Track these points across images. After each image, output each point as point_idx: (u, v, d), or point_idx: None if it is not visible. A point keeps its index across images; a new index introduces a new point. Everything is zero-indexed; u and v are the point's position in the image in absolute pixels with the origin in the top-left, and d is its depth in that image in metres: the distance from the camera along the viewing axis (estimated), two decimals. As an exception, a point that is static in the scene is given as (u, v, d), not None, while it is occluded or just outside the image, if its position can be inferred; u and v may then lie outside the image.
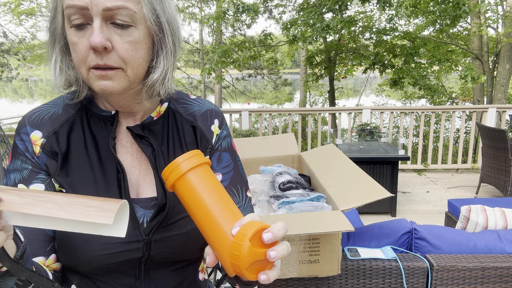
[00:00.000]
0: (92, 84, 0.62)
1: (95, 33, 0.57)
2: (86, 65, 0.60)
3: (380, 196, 1.33)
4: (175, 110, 0.77)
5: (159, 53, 0.65)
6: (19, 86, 30.14)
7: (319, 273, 1.31)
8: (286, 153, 2.11)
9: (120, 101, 0.68)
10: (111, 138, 0.68)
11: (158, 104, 0.76)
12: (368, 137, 3.98)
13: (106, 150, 0.68)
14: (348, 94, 27.99)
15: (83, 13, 0.57)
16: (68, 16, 0.59)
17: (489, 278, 1.41)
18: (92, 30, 0.57)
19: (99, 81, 0.61)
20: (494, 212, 1.79)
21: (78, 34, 0.59)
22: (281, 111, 5.93)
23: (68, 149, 0.68)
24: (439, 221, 3.46)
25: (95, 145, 0.69)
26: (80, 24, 0.58)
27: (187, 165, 0.52)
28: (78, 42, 0.59)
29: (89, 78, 0.61)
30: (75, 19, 0.58)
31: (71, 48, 0.61)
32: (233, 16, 7.16)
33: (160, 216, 0.67)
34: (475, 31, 7.65)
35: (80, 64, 0.61)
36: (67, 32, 0.61)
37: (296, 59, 24.95)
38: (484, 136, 3.93)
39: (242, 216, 0.52)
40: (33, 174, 0.66)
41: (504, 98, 7.52)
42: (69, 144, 0.68)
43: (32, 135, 0.67)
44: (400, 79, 6.92)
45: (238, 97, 19.93)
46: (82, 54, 0.59)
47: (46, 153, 0.66)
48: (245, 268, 0.48)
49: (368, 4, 6.55)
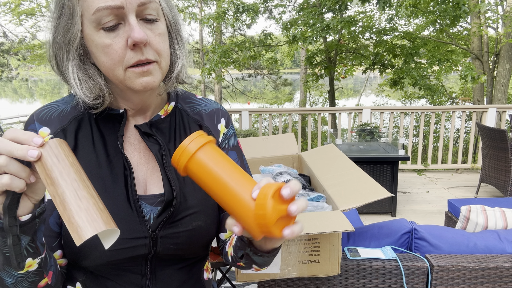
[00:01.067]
0: (131, 83, 0.62)
1: (136, 29, 0.57)
2: (123, 65, 0.60)
3: (380, 196, 1.33)
4: (182, 109, 0.78)
5: (175, 44, 0.68)
6: (19, 86, 30.14)
7: (319, 273, 1.32)
8: (286, 153, 2.11)
9: (145, 97, 0.70)
10: (119, 135, 0.69)
11: (166, 103, 0.77)
12: (368, 137, 3.99)
13: (113, 148, 0.69)
14: (348, 94, 27.99)
15: (117, 13, 0.58)
16: (97, 20, 0.58)
17: (489, 278, 1.41)
18: (130, 28, 0.58)
19: (140, 78, 0.61)
20: (494, 212, 1.79)
21: (111, 36, 0.59)
22: (281, 111, 5.93)
23: (75, 145, 0.68)
24: (439, 221, 3.46)
25: (103, 142, 0.69)
26: (114, 25, 0.58)
27: (195, 145, 0.53)
28: (112, 43, 0.59)
29: (127, 78, 0.61)
30: (108, 21, 0.58)
31: (101, 52, 0.60)
32: (233, 16, 7.16)
33: (167, 213, 0.67)
34: (475, 31, 7.65)
35: (115, 65, 0.60)
36: (95, 36, 0.59)
37: (296, 59, 24.96)
38: (484, 136, 3.93)
39: (256, 182, 0.53)
40: None
41: (504, 98, 7.52)
42: (77, 141, 0.68)
43: (40, 131, 0.67)
44: (400, 79, 6.92)
45: (238, 97, 19.93)
46: (119, 54, 0.59)
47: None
48: (272, 225, 0.49)
49: (368, 4, 6.55)
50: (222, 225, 0.77)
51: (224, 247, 0.78)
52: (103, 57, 0.60)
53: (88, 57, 0.64)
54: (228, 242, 0.77)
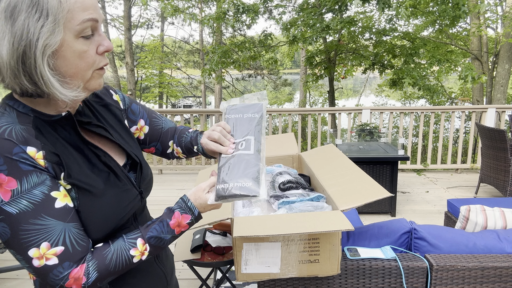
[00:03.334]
0: (94, 83, 0.73)
1: (107, 39, 0.72)
2: (93, 68, 0.71)
3: (380, 196, 1.34)
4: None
5: None
6: None
7: (318, 272, 1.32)
8: (286, 153, 2.12)
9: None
10: (78, 131, 0.76)
11: None
12: (367, 137, 3.99)
13: (77, 143, 0.76)
14: (347, 94, 27.99)
15: (93, 25, 0.69)
16: (80, 30, 0.67)
17: (489, 277, 1.42)
18: (102, 37, 0.72)
19: (100, 79, 0.74)
20: (493, 212, 1.80)
21: (87, 43, 0.69)
22: (281, 111, 5.93)
23: (58, 155, 0.72)
24: (439, 221, 3.47)
25: (66, 142, 0.75)
26: (91, 34, 0.70)
27: None
28: (88, 49, 0.69)
29: (92, 78, 0.72)
30: (87, 31, 0.68)
31: (77, 57, 0.68)
32: (233, 17, 7.17)
33: (140, 172, 0.87)
34: (475, 31, 7.66)
35: (89, 68, 0.70)
36: (74, 43, 0.67)
37: (296, 60, 24.96)
38: (483, 136, 3.93)
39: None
40: (54, 181, 0.69)
41: (503, 98, 7.53)
42: (56, 148, 0.73)
43: (28, 152, 0.66)
44: (400, 80, 6.93)
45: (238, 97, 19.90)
46: (93, 58, 0.70)
47: (51, 161, 0.69)
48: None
49: (368, 5, 6.55)
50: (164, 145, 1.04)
51: (172, 152, 1.05)
52: (79, 61, 0.69)
53: (53, 63, 0.68)
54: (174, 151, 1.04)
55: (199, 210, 0.82)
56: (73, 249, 0.70)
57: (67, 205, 0.70)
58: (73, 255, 0.70)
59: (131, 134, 0.94)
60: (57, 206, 0.68)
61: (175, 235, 0.81)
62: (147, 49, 15.52)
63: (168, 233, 0.80)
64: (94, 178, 0.76)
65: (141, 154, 0.93)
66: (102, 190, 0.76)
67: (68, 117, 0.75)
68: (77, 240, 0.71)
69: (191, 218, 0.81)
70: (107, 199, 0.76)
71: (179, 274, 2.67)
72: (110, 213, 0.76)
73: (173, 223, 0.80)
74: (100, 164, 0.78)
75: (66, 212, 0.70)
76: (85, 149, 0.77)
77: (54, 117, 0.73)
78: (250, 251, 1.29)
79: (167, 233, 0.79)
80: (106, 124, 0.87)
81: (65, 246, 0.69)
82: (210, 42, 16.16)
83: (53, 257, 0.67)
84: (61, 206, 0.69)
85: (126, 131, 0.93)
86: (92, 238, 0.76)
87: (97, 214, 0.74)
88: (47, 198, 0.67)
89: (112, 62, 13.83)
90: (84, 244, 0.72)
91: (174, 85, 16.79)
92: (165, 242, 0.80)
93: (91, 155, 0.78)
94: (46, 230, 0.67)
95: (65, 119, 0.75)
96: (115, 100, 0.94)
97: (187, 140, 1.01)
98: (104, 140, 0.85)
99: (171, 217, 0.80)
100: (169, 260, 1.01)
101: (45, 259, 0.67)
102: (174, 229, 0.80)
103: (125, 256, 0.75)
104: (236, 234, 1.12)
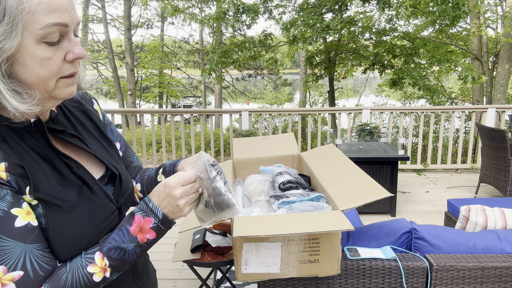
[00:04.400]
0: (60, 92, 0.65)
1: (79, 46, 0.64)
2: (57, 77, 0.64)
3: (380, 196, 1.34)
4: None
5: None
6: None
7: (318, 272, 1.32)
8: (286, 153, 2.12)
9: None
10: (48, 139, 0.69)
11: None
12: (367, 137, 3.99)
13: (46, 153, 0.69)
14: (348, 94, 28.00)
15: (62, 30, 0.61)
16: (43, 35, 0.59)
17: (489, 278, 1.42)
18: (72, 44, 0.63)
19: (68, 88, 0.66)
20: (493, 212, 1.80)
21: (51, 50, 0.61)
22: (281, 111, 5.94)
23: (24, 166, 0.65)
24: (439, 221, 3.47)
25: (35, 152, 0.68)
26: (57, 40, 0.62)
27: None
28: (53, 56, 0.61)
29: (57, 87, 0.65)
30: (53, 36, 0.60)
31: (37, 64, 0.60)
32: (233, 17, 7.16)
33: (118, 185, 0.80)
34: (475, 31, 7.65)
35: (52, 76, 0.63)
36: (35, 49, 0.59)
37: (296, 60, 24.96)
38: (483, 136, 3.93)
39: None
40: (16, 196, 0.62)
41: (503, 98, 7.53)
42: (22, 160, 0.66)
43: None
44: (400, 80, 6.93)
45: (238, 97, 19.93)
46: (58, 66, 0.63)
47: (14, 173, 0.62)
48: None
49: (368, 5, 6.55)
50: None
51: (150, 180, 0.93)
52: (39, 68, 0.61)
53: (7, 69, 0.61)
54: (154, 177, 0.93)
55: (164, 211, 0.70)
56: (34, 274, 0.62)
57: (29, 223, 0.62)
58: (33, 281, 0.62)
59: (111, 143, 0.87)
60: (18, 225, 0.61)
61: (139, 244, 0.69)
62: (147, 49, 15.54)
63: (131, 242, 0.69)
64: (64, 191, 0.68)
65: (122, 166, 0.85)
66: (72, 205, 0.68)
67: (37, 123, 0.68)
68: (39, 264, 0.63)
69: (154, 221, 0.70)
70: (78, 214, 0.68)
71: (179, 274, 2.67)
72: (82, 230, 0.68)
73: (134, 229, 0.69)
74: (71, 176, 0.70)
75: (28, 232, 0.62)
76: (56, 160, 0.69)
77: (21, 124, 0.66)
78: (250, 251, 1.29)
79: (128, 242, 0.68)
80: (84, 132, 0.80)
81: (25, 271, 0.61)
82: (210, 42, 16.16)
83: (10, 284, 0.59)
84: (22, 225, 0.61)
85: (107, 139, 0.86)
86: (62, 260, 0.68)
87: (67, 231, 0.66)
88: (6, 216, 0.60)
89: (112, 62, 13.83)
90: (49, 268, 0.64)
91: (174, 85, 16.81)
92: (129, 253, 0.69)
93: (62, 166, 0.70)
94: (3, 252, 0.59)
95: (34, 126, 0.68)
96: (95, 109, 0.88)
97: (151, 173, 0.92)
98: (79, 150, 0.78)
99: (131, 222, 0.70)
100: (150, 278, 0.93)
101: (1, 284, 0.59)
102: (137, 236, 0.69)
103: (82, 274, 0.66)
104: (236, 234, 1.12)
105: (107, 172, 0.80)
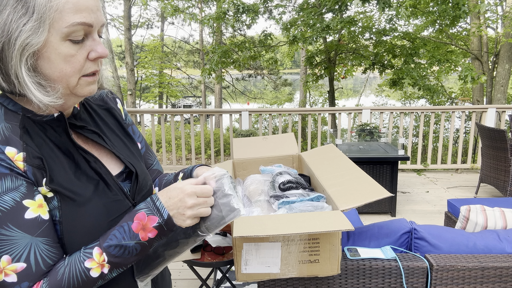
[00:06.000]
0: (81, 89, 0.68)
1: (101, 45, 0.67)
2: (80, 74, 0.66)
3: (380, 196, 1.34)
4: (85, 98, 0.82)
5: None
6: None
7: (319, 273, 1.32)
8: (286, 153, 2.12)
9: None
10: (69, 133, 0.72)
11: None
12: (367, 137, 3.99)
13: (66, 147, 0.71)
14: (348, 94, 28.00)
15: (86, 29, 0.65)
16: (69, 32, 0.62)
17: (489, 278, 1.41)
18: (95, 43, 0.67)
19: (89, 86, 0.69)
20: (493, 212, 1.80)
21: (75, 47, 0.64)
22: (281, 111, 5.94)
23: (42, 158, 0.67)
24: (439, 221, 3.47)
25: (55, 145, 0.69)
26: (82, 39, 0.65)
27: None
28: (76, 54, 0.65)
29: (79, 85, 0.67)
30: (78, 35, 0.64)
31: (61, 60, 0.64)
32: (233, 17, 7.16)
33: (135, 182, 0.80)
34: (475, 31, 7.65)
35: (75, 73, 0.65)
36: (60, 46, 0.63)
37: (296, 59, 24.96)
38: (483, 136, 3.93)
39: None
40: (30, 187, 0.63)
41: (503, 98, 7.53)
42: (41, 151, 0.67)
43: (7, 152, 0.62)
44: (400, 80, 6.93)
45: (238, 97, 19.94)
46: (81, 64, 0.66)
47: (32, 164, 0.64)
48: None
49: (368, 5, 6.55)
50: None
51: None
52: (63, 64, 0.64)
53: (33, 63, 0.64)
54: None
55: (171, 213, 0.68)
56: (37, 268, 0.62)
57: (39, 216, 0.63)
58: (35, 275, 0.62)
59: (134, 141, 0.89)
60: (27, 216, 0.62)
61: (141, 242, 0.68)
62: (147, 49, 15.53)
63: (131, 239, 0.67)
64: (80, 185, 0.69)
65: (141, 164, 0.86)
66: (87, 199, 0.68)
67: (60, 118, 0.71)
68: (43, 258, 0.63)
69: (158, 220, 0.68)
70: (92, 209, 0.69)
71: (179, 274, 2.67)
72: (96, 225, 0.68)
73: (135, 226, 0.68)
74: (89, 171, 0.72)
75: (37, 225, 0.63)
76: (75, 154, 0.71)
77: (44, 118, 0.69)
78: (250, 251, 1.29)
79: (129, 239, 0.67)
80: (106, 129, 0.82)
81: (28, 263, 0.61)
82: (210, 42, 16.16)
83: (12, 274, 0.60)
84: (32, 218, 0.62)
85: (129, 137, 0.88)
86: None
87: (80, 225, 0.67)
88: (17, 206, 0.61)
89: (112, 62, 13.84)
90: (52, 263, 0.64)
91: (174, 85, 16.80)
92: (130, 250, 0.67)
93: (81, 160, 0.71)
94: (9, 242, 0.60)
95: (57, 120, 0.70)
96: (119, 108, 0.90)
97: (170, 177, 0.92)
98: (99, 146, 0.79)
99: (133, 219, 0.68)
100: (165, 281, 0.93)
101: (3, 274, 0.60)
102: (138, 233, 0.67)
103: (79, 269, 0.65)
104: (236, 234, 1.12)
105: (125, 169, 0.81)
